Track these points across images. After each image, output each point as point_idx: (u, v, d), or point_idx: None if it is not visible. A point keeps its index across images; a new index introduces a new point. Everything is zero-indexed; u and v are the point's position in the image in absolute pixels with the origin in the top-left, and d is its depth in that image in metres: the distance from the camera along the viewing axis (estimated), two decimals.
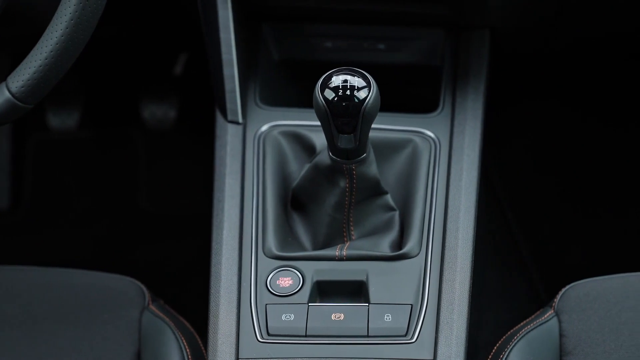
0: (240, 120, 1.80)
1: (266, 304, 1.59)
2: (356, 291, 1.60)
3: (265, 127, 1.78)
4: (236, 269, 1.64)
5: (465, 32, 1.85)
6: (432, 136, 1.76)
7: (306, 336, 1.56)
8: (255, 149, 1.75)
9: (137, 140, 2.65)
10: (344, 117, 1.54)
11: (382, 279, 1.60)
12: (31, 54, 1.49)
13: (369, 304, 1.58)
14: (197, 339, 1.71)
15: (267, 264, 1.64)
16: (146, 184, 2.63)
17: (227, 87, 1.80)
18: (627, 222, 2.49)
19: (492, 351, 1.65)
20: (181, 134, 2.64)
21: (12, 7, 1.65)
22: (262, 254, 1.65)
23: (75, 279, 1.76)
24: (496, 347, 1.65)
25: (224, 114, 1.80)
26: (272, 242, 1.65)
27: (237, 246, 1.67)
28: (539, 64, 2.48)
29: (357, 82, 1.53)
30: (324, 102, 1.53)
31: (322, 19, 1.89)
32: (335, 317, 1.57)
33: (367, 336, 1.56)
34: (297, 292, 1.60)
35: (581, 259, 2.46)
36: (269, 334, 1.57)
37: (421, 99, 1.85)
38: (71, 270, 1.77)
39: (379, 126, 1.71)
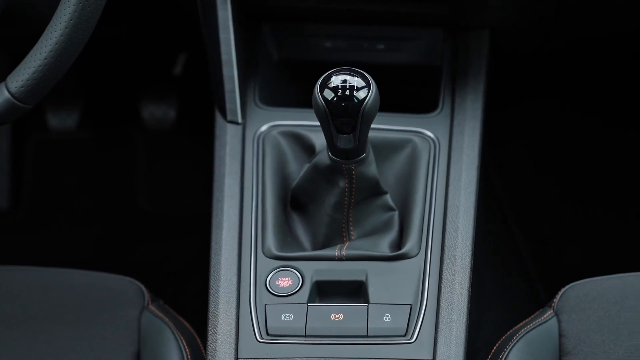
0: (239, 120, 1.80)
1: (265, 304, 1.59)
2: (355, 291, 1.60)
3: (264, 127, 1.78)
4: (235, 269, 1.64)
5: (464, 32, 1.85)
6: (432, 136, 1.76)
7: (305, 336, 1.56)
8: (254, 149, 1.75)
9: (136, 140, 2.65)
10: (344, 117, 1.54)
11: (381, 279, 1.60)
12: (30, 54, 1.49)
13: (369, 304, 1.58)
14: (197, 339, 1.71)
15: (266, 264, 1.64)
16: (146, 184, 2.63)
17: (227, 87, 1.80)
18: (627, 222, 2.49)
19: (492, 351, 1.65)
20: (181, 134, 2.64)
21: (11, 7, 1.65)
22: (262, 254, 1.65)
23: (74, 279, 1.76)
24: (495, 347, 1.65)
25: (224, 114, 1.80)
26: (271, 242, 1.65)
27: (236, 246, 1.67)
28: (539, 64, 2.48)
29: (357, 82, 1.53)
30: (324, 102, 1.53)
31: (321, 19, 1.89)
32: (334, 317, 1.57)
33: (367, 336, 1.56)
34: (296, 292, 1.60)
35: (581, 259, 2.46)
36: (268, 334, 1.57)
37: (420, 99, 1.85)
38: (70, 270, 1.77)
39: (378, 126, 1.71)
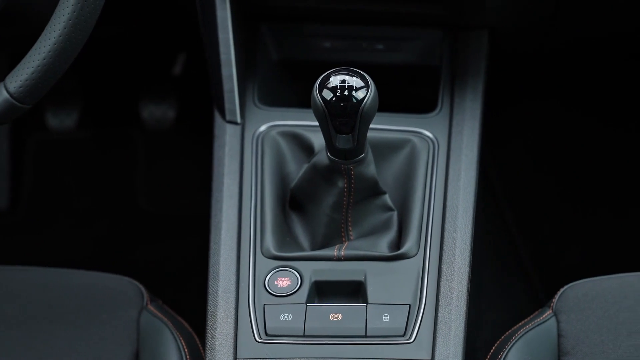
0: (238, 120, 1.80)
1: (264, 304, 1.59)
2: (354, 291, 1.60)
3: (263, 127, 1.78)
4: (234, 269, 1.64)
5: (463, 32, 1.85)
6: (431, 136, 1.76)
7: (304, 336, 1.56)
8: (253, 149, 1.75)
9: (136, 140, 2.65)
10: (342, 117, 1.54)
11: (380, 279, 1.60)
12: (29, 54, 1.49)
13: (367, 304, 1.58)
14: (196, 339, 1.71)
15: (265, 264, 1.64)
16: (145, 184, 2.63)
17: (226, 87, 1.80)
18: (627, 222, 2.49)
19: (491, 351, 1.64)
20: (180, 134, 2.64)
21: (10, 7, 1.65)
22: (261, 254, 1.65)
23: (73, 279, 1.76)
24: (494, 347, 1.65)
25: (223, 114, 1.80)
26: (270, 242, 1.65)
27: (235, 246, 1.67)
28: (539, 64, 2.48)
29: (355, 82, 1.53)
30: (322, 102, 1.53)
31: (320, 19, 1.89)
32: (333, 317, 1.57)
33: (365, 336, 1.56)
34: (295, 292, 1.60)
35: (580, 259, 2.46)
36: (267, 334, 1.57)
37: (419, 99, 1.85)
38: (69, 270, 1.77)
39: (377, 126, 1.71)
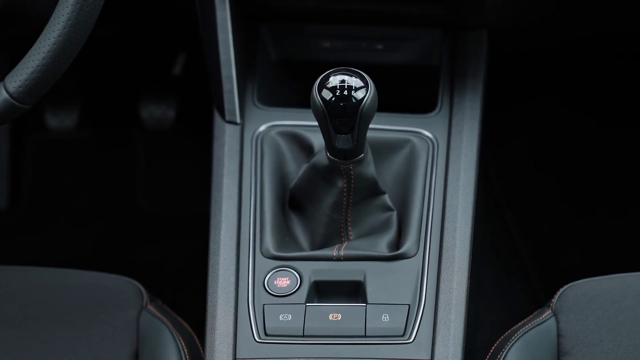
0: (238, 120, 1.80)
1: (264, 304, 1.59)
2: (354, 291, 1.60)
3: (263, 127, 1.78)
4: (234, 269, 1.64)
5: (463, 32, 1.85)
6: (430, 136, 1.76)
7: (303, 336, 1.56)
8: (253, 149, 1.75)
9: (136, 140, 2.65)
10: (342, 118, 1.54)
11: (379, 279, 1.60)
12: (29, 54, 1.49)
13: (367, 304, 1.58)
14: (195, 339, 1.71)
15: (264, 264, 1.64)
16: (145, 184, 2.63)
17: (225, 87, 1.80)
18: (627, 222, 2.49)
19: (490, 351, 1.64)
20: (180, 134, 2.64)
21: (10, 7, 1.65)
22: (260, 254, 1.65)
23: (73, 279, 1.76)
24: (494, 347, 1.65)
25: (222, 114, 1.80)
26: (269, 242, 1.65)
27: (234, 246, 1.67)
28: (538, 64, 2.48)
29: (355, 82, 1.53)
30: (322, 102, 1.53)
31: (320, 19, 1.89)
32: (332, 317, 1.57)
33: (365, 336, 1.56)
34: (294, 292, 1.60)
35: (580, 259, 2.46)
36: (266, 334, 1.57)
37: (419, 99, 1.85)
38: (69, 270, 1.77)
39: (376, 126, 1.71)
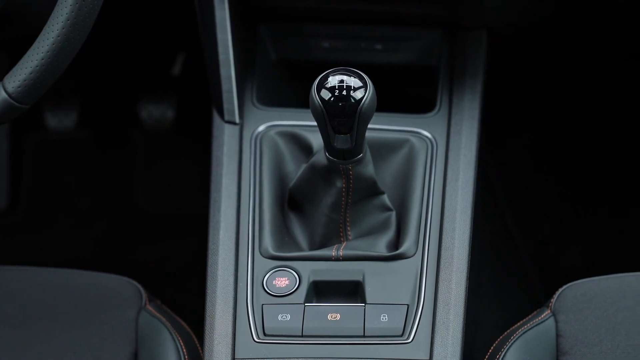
0: (237, 120, 1.80)
1: (262, 304, 1.59)
2: (352, 291, 1.60)
3: (262, 128, 1.78)
4: (233, 269, 1.64)
5: (462, 32, 1.85)
6: (429, 136, 1.76)
7: (302, 336, 1.56)
8: (252, 149, 1.75)
9: (135, 140, 2.65)
10: (340, 118, 1.54)
11: (378, 279, 1.60)
12: (27, 54, 1.49)
13: (365, 304, 1.58)
14: (194, 339, 1.71)
15: (263, 264, 1.64)
16: (144, 184, 2.63)
17: (224, 87, 1.80)
18: (626, 223, 2.49)
19: (489, 351, 1.64)
20: (179, 134, 2.64)
21: (10, 7, 1.65)
22: (259, 254, 1.65)
23: (72, 279, 1.76)
24: (493, 347, 1.65)
25: (221, 114, 1.80)
26: (268, 242, 1.65)
27: (233, 246, 1.67)
28: (538, 64, 2.48)
29: (354, 82, 1.53)
30: (320, 102, 1.53)
31: (319, 19, 1.89)
32: (331, 317, 1.57)
33: (363, 336, 1.56)
34: (293, 292, 1.60)
35: (580, 259, 2.46)
36: (265, 334, 1.57)
37: (418, 99, 1.85)
38: (68, 270, 1.77)
39: (375, 126, 1.70)
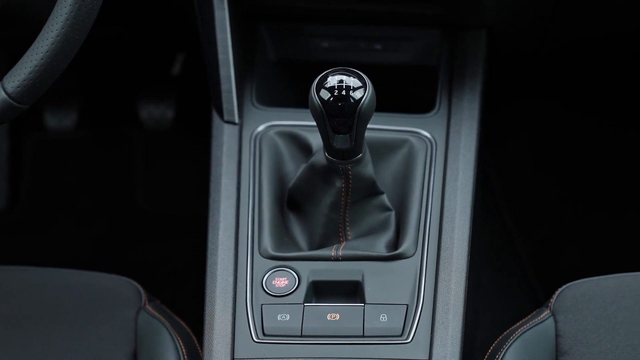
0: (236, 120, 1.80)
1: (262, 304, 1.59)
2: (352, 291, 1.60)
3: (261, 127, 1.78)
4: (232, 269, 1.64)
5: (461, 32, 1.85)
6: (428, 136, 1.76)
7: (302, 336, 1.56)
8: (251, 149, 1.75)
9: (135, 140, 2.65)
10: (340, 118, 1.54)
11: (377, 279, 1.60)
12: (27, 54, 1.49)
13: (365, 304, 1.58)
14: (193, 339, 1.71)
15: (262, 264, 1.64)
16: (144, 184, 2.63)
17: (224, 87, 1.80)
18: (626, 223, 2.49)
19: (488, 351, 1.64)
20: (179, 134, 2.64)
21: (9, 7, 1.65)
22: (258, 254, 1.65)
23: (71, 279, 1.76)
24: (492, 347, 1.65)
25: (220, 114, 1.80)
26: (268, 242, 1.65)
27: (233, 246, 1.67)
28: (538, 64, 2.48)
29: (353, 82, 1.53)
30: (320, 102, 1.53)
31: (319, 19, 1.89)
32: (330, 317, 1.57)
33: (363, 336, 1.56)
34: (292, 292, 1.60)
35: (579, 259, 2.46)
36: (264, 334, 1.57)
37: (417, 99, 1.85)
38: (67, 270, 1.77)
39: (375, 126, 1.71)
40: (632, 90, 2.53)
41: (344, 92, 1.52)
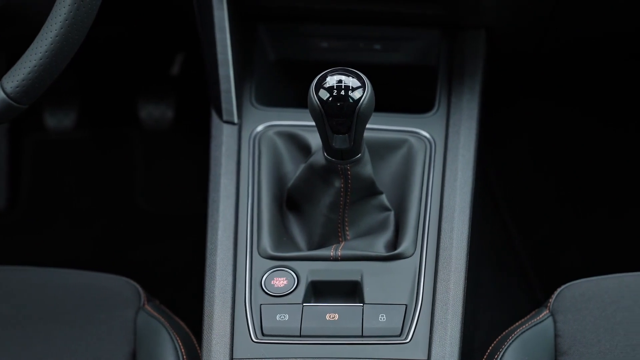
0: (235, 120, 1.80)
1: (261, 304, 1.59)
2: (351, 291, 1.60)
3: (260, 127, 1.78)
4: (231, 269, 1.64)
5: (460, 32, 1.85)
6: (428, 136, 1.76)
7: (300, 336, 1.56)
8: (250, 149, 1.76)
9: (134, 140, 2.65)
10: (339, 118, 1.54)
11: (376, 279, 1.60)
12: (26, 54, 1.49)
13: (364, 304, 1.58)
14: (193, 339, 1.71)
15: (261, 264, 1.64)
16: (144, 184, 2.63)
17: (223, 87, 1.80)
18: (626, 223, 2.49)
19: (487, 351, 1.64)
20: (178, 134, 2.64)
21: (9, 7, 1.65)
22: (257, 254, 1.65)
23: (70, 279, 1.76)
24: (491, 347, 1.65)
25: (220, 114, 1.80)
26: (267, 243, 1.65)
27: (232, 246, 1.67)
28: (538, 64, 2.48)
29: (352, 82, 1.53)
30: (319, 102, 1.53)
31: (318, 19, 1.89)
32: (329, 317, 1.57)
33: (362, 336, 1.56)
34: (291, 292, 1.60)
35: (579, 259, 2.46)
36: (263, 334, 1.57)
37: (417, 99, 1.85)
38: (67, 270, 1.77)
39: (374, 126, 1.71)
40: (632, 90, 2.53)
41: (342, 92, 1.52)
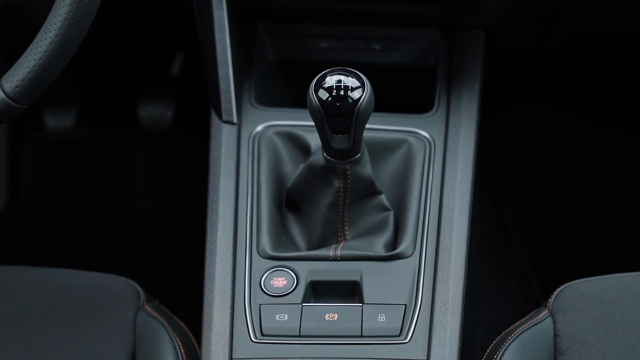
0: (235, 120, 1.80)
1: (260, 304, 1.59)
2: (350, 291, 1.60)
3: (260, 128, 1.78)
4: (230, 269, 1.64)
5: (460, 32, 1.85)
6: (427, 136, 1.76)
7: (300, 336, 1.56)
8: (250, 149, 1.76)
9: (134, 140, 2.65)
10: (338, 118, 1.54)
11: (376, 279, 1.60)
12: (25, 54, 1.49)
13: (363, 304, 1.58)
14: (192, 339, 1.71)
15: (261, 264, 1.64)
16: (143, 184, 2.63)
17: (222, 87, 1.80)
18: (626, 223, 2.49)
19: (487, 351, 1.64)
20: (178, 134, 2.64)
21: (9, 7, 1.65)
22: (257, 254, 1.65)
23: (70, 279, 1.76)
24: (490, 347, 1.65)
25: (219, 114, 1.80)
26: (266, 243, 1.65)
27: (231, 246, 1.67)
28: (538, 64, 2.48)
29: (351, 82, 1.53)
30: (318, 102, 1.53)
31: (318, 19, 1.89)
32: (329, 317, 1.57)
33: (361, 336, 1.56)
34: (291, 292, 1.60)
35: (579, 259, 2.46)
36: (262, 334, 1.57)
37: (416, 99, 1.85)
38: (66, 270, 1.77)
39: (373, 126, 1.71)
40: (632, 90, 2.53)
41: (342, 92, 1.52)
